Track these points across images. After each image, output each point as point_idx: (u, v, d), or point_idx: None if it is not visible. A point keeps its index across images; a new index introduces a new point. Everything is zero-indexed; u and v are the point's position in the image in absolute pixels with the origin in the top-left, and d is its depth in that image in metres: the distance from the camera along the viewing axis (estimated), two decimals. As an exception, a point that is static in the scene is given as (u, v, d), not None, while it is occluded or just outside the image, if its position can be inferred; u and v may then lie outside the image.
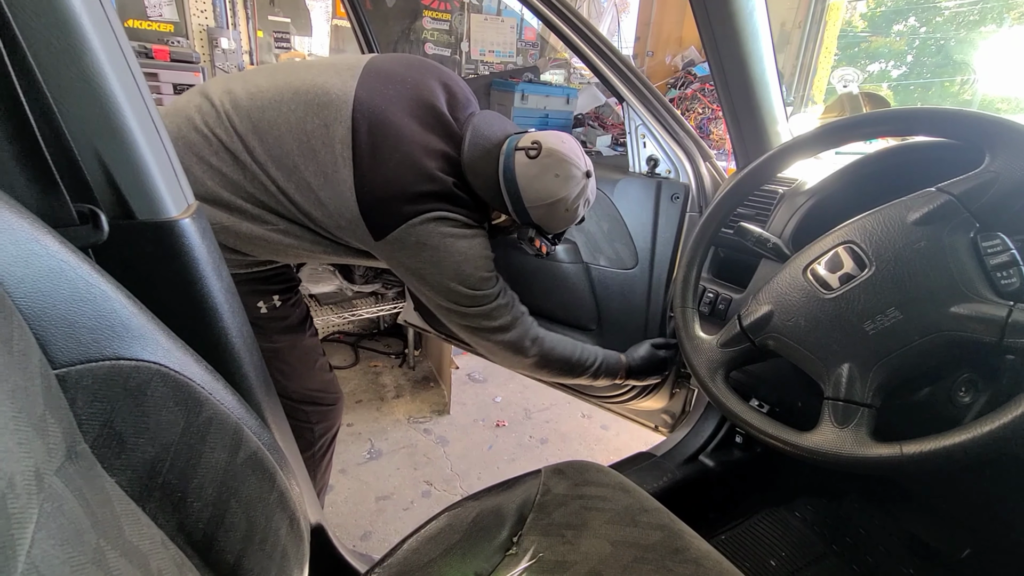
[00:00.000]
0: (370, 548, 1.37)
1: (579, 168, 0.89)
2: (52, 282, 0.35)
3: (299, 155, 0.84)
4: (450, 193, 0.88)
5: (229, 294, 0.55)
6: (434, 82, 0.94)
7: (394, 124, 0.85)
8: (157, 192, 0.48)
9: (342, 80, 0.88)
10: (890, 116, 0.61)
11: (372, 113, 0.85)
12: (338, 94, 0.85)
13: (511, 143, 0.90)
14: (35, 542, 0.28)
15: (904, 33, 5.40)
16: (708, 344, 0.70)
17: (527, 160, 0.87)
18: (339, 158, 0.83)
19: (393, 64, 0.94)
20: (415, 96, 0.90)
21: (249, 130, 0.84)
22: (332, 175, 0.84)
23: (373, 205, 0.84)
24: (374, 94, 0.87)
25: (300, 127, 0.84)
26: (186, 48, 1.89)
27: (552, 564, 0.64)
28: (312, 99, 0.85)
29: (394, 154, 0.84)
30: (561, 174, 0.87)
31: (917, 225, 0.54)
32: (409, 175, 0.84)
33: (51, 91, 0.40)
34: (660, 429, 1.42)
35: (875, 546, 1.00)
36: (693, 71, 2.74)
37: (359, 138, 0.83)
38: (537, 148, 0.87)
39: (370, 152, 0.83)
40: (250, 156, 0.84)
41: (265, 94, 0.87)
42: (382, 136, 0.84)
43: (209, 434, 0.44)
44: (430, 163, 0.86)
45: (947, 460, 0.46)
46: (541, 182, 0.87)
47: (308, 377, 1.10)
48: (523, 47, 2.76)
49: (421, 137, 0.87)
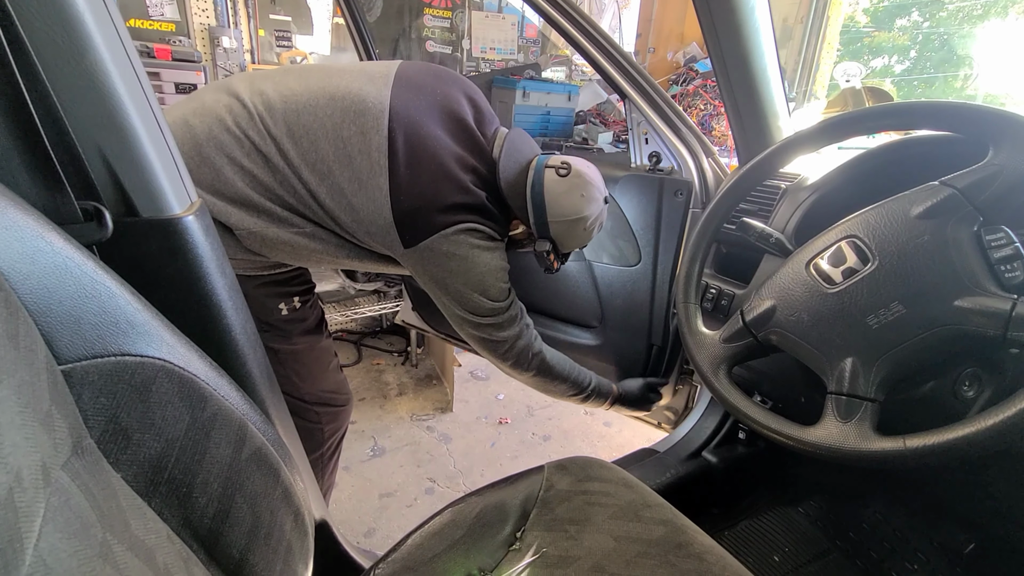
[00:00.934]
0: (374, 545, 1.38)
1: (601, 192, 0.96)
2: (57, 278, 0.36)
3: (335, 160, 0.85)
4: (482, 206, 0.91)
5: (233, 291, 0.55)
6: (461, 95, 0.96)
7: (429, 136, 0.88)
8: (160, 190, 0.48)
9: (376, 88, 0.89)
10: (893, 110, 0.61)
11: (407, 123, 0.87)
12: (374, 102, 0.87)
13: (541, 161, 0.95)
14: (42, 535, 0.28)
15: (907, 28, 5.37)
16: (711, 339, 0.69)
17: (557, 178, 0.92)
18: (375, 165, 0.85)
19: (421, 74, 0.96)
20: (445, 108, 0.92)
21: (284, 133, 0.85)
22: (367, 182, 0.85)
23: (407, 214, 0.86)
24: (408, 104, 0.88)
25: (337, 133, 0.85)
26: (188, 47, 1.90)
27: (555, 559, 0.65)
28: (349, 105, 0.86)
29: (430, 165, 0.86)
30: (586, 195, 0.93)
31: (920, 219, 0.54)
32: (444, 186, 0.86)
33: (54, 89, 0.41)
34: (663, 426, 1.42)
35: (879, 542, 1.00)
36: (695, 67, 2.74)
37: (395, 147, 0.85)
38: (567, 168, 0.93)
39: (406, 162, 0.85)
40: (283, 159, 0.85)
41: (299, 97, 0.87)
42: (418, 147, 0.86)
43: (214, 430, 0.44)
44: (464, 176, 0.89)
45: (951, 454, 0.46)
46: (568, 199, 0.92)
47: (323, 379, 1.11)
48: (524, 44, 2.75)
49: (454, 150, 0.90)
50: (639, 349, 1.23)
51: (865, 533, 1.02)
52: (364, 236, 0.90)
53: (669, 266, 1.13)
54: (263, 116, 0.85)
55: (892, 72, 5.08)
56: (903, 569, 0.94)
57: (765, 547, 1.02)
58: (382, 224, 0.86)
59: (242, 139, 0.84)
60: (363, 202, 0.86)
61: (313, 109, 0.86)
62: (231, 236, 0.86)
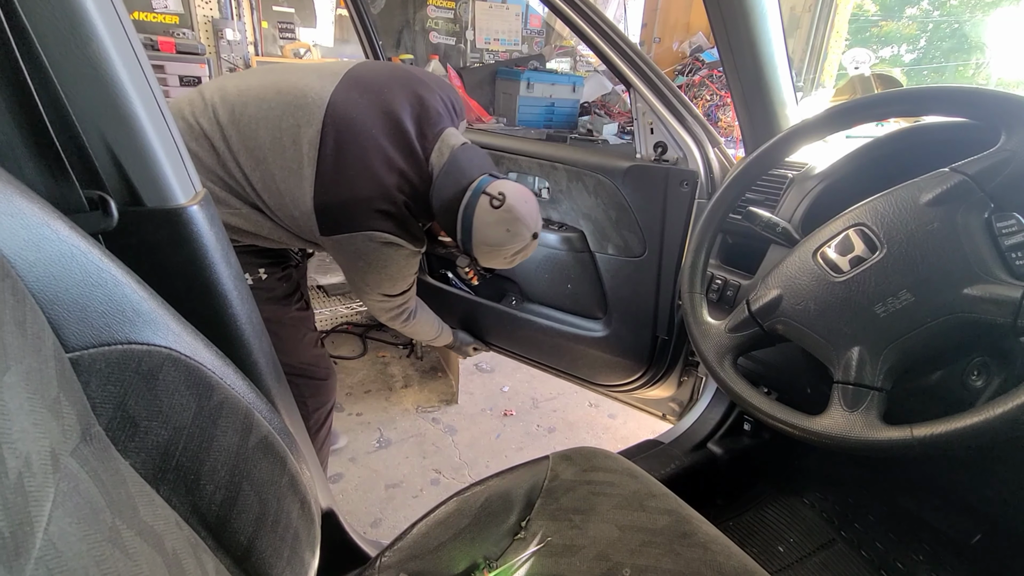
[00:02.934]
0: (380, 535, 1.39)
1: (530, 229, 0.99)
2: (63, 266, 0.36)
3: (270, 148, 0.92)
4: (402, 217, 0.97)
5: (238, 280, 0.55)
6: (407, 95, 0.99)
7: (361, 134, 0.92)
8: (165, 179, 0.48)
9: (321, 85, 0.95)
10: (903, 96, 0.60)
11: (342, 120, 0.92)
12: (314, 98, 0.93)
13: (479, 186, 0.97)
14: (52, 519, 0.28)
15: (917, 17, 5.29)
16: (716, 329, 0.69)
17: (489, 207, 0.95)
18: (304, 157, 0.91)
19: (374, 73, 1.01)
20: (385, 109, 0.96)
21: (228, 121, 0.92)
22: (295, 171, 0.92)
23: (327, 206, 0.92)
24: (348, 102, 0.93)
25: (276, 123, 0.92)
26: (191, 40, 1.89)
27: (560, 548, 0.65)
28: (291, 100, 0.93)
29: (356, 163, 0.92)
30: (512, 230, 0.97)
31: (930, 206, 0.53)
32: (368, 187, 0.92)
33: (58, 77, 0.40)
34: (668, 417, 1.42)
35: (884, 532, 1.00)
36: (701, 57, 2.70)
37: (326, 141, 0.91)
38: (501, 201, 0.95)
39: (334, 156, 0.91)
40: (225, 144, 0.92)
41: (252, 91, 0.95)
42: (348, 143, 0.91)
43: (221, 418, 0.44)
44: (389, 179, 0.93)
45: (958, 443, 0.45)
46: (494, 230, 0.96)
47: (296, 351, 1.15)
48: (529, 35, 2.73)
49: (385, 151, 0.94)
50: (644, 340, 1.23)
51: (870, 524, 1.02)
52: (288, 220, 0.97)
53: (675, 257, 1.12)
54: (215, 106, 0.93)
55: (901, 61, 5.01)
56: (908, 560, 0.94)
57: (770, 537, 1.03)
58: (304, 211, 0.93)
59: (194, 126, 0.93)
60: (289, 188, 0.92)
61: (259, 101, 0.93)
62: None
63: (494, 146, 1.30)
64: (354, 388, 2.00)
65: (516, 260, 1.04)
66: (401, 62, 2.17)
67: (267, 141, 0.91)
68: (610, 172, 1.13)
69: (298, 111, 0.92)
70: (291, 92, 0.93)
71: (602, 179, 1.14)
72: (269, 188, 0.94)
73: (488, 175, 1.00)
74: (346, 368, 2.12)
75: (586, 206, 1.20)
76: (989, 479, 0.78)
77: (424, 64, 2.14)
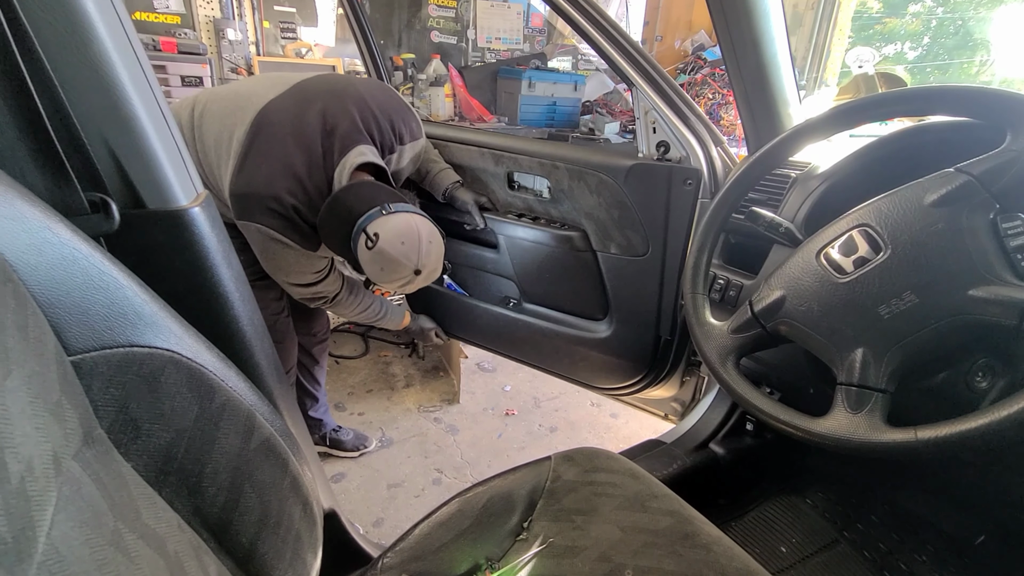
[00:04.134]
0: (382, 535, 1.39)
1: (407, 268, 1.03)
2: (65, 270, 0.36)
3: (213, 143, 1.07)
4: (290, 219, 1.05)
5: (239, 282, 0.55)
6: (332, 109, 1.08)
7: (273, 137, 1.04)
8: (167, 181, 0.48)
9: (266, 92, 1.08)
10: (908, 95, 0.60)
11: (265, 124, 1.04)
12: (255, 103, 1.06)
13: (361, 225, 1.01)
14: (54, 524, 0.28)
15: (920, 14, 5.26)
16: (719, 330, 0.69)
17: (364, 248, 1.02)
18: (232, 152, 1.04)
19: (319, 85, 1.12)
20: (304, 119, 1.06)
21: (199, 115, 1.09)
22: (225, 161, 1.05)
23: (236, 195, 1.04)
24: (278, 110, 1.06)
25: (222, 122, 1.07)
26: (193, 40, 1.89)
27: (562, 549, 0.65)
28: (240, 104, 1.08)
29: (260, 161, 1.03)
30: (386, 268, 1.03)
31: (934, 207, 0.53)
32: (262, 185, 1.02)
33: (59, 79, 0.40)
34: (670, 417, 1.42)
35: (887, 533, 0.99)
36: (703, 56, 2.69)
37: (249, 140, 1.03)
38: (373, 243, 1.00)
39: (248, 154, 1.03)
40: (190, 132, 1.09)
41: (223, 93, 1.12)
42: (261, 144, 1.03)
43: (223, 420, 0.44)
44: (283, 182, 1.03)
45: (963, 445, 0.45)
46: (370, 267, 1.04)
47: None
48: (530, 33, 2.73)
49: (287, 157, 1.04)
50: (647, 341, 1.23)
51: (873, 524, 1.01)
52: (220, 205, 1.03)
53: (678, 256, 1.12)
54: (196, 104, 1.11)
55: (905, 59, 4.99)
56: (912, 561, 0.94)
57: (772, 538, 1.02)
58: (224, 198, 1.06)
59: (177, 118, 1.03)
60: (220, 175, 1.06)
61: (221, 101, 1.10)
62: None
63: (495, 145, 1.29)
64: (356, 387, 2.00)
65: (408, 289, 1.11)
66: (403, 61, 2.17)
67: (213, 136, 1.07)
68: (612, 171, 1.12)
69: (239, 112, 1.06)
70: (243, 97, 1.09)
71: (604, 178, 1.14)
72: (211, 174, 1.09)
73: (382, 208, 1.02)
74: (348, 367, 2.12)
75: (588, 205, 1.19)
76: (994, 480, 0.78)
77: (425, 64, 2.14)
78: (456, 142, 1.36)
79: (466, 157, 1.35)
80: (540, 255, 1.31)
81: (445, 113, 1.94)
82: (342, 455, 1.63)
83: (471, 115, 1.95)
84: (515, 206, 1.34)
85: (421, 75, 2.00)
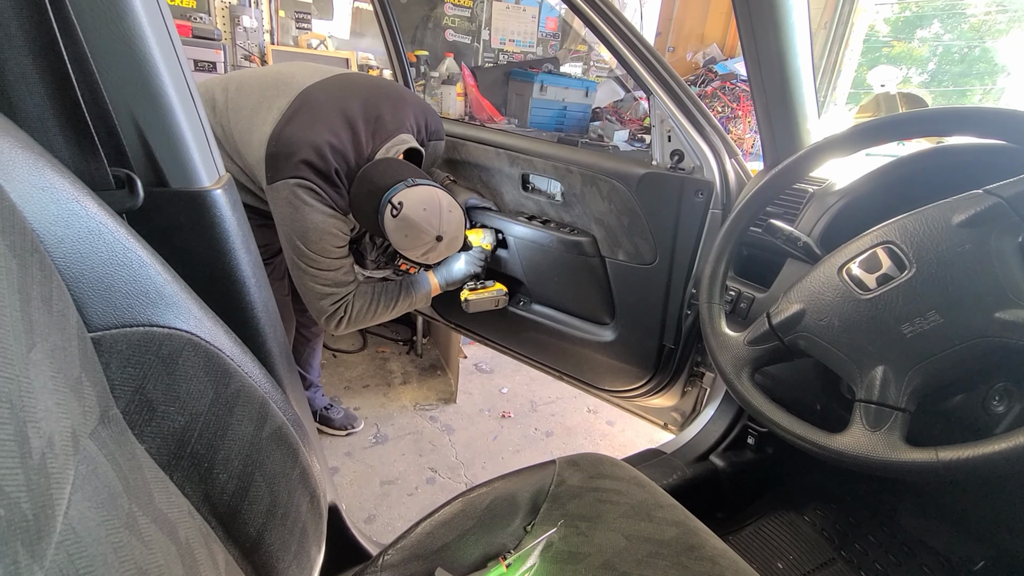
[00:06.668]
0: (375, 531, 1.38)
1: (429, 235, 1.09)
2: (90, 244, 0.35)
3: (252, 109, 1.11)
4: (327, 174, 1.07)
5: (256, 268, 0.54)
6: (375, 100, 1.15)
7: (317, 109, 1.09)
8: (191, 161, 0.48)
9: (310, 77, 1.14)
10: (937, 115, 0.60)
11: (309, 99, 1.10)
12: (298, 83, 1.12)
13: (392, 192, 1.08)
14: (72, 503, 0.28)
15: (928, 39, 5.31)
16: (735, 341, 0.68)
17: (389, 216, 1.07)
18: (272, 117, 1.08)
19: (359, 79, 1.19)
20: (348, 103, 1.12)
21: (236, 88, 1.15)
22: (261, 127, 1.09)
23: (273, 155, 1.06)
24: (322, 89, 1.12)
25: (262, 93, 1.12)
26: (208, 25, 1.88)
27: (566, 555, 0.64)
28: (281, 80, 1.14)
29: (306, 125, 1.07)
30: (410, 235, 1.08)
31: (962, 227, 0.52)
32: (305, 143, 1.05)
33: (91, 51, 0.40)
34: (669, 427, 1.41)
35: (884, 554, 0.99)
36: (714, 69, 2.71)
37: (292, 109, 1.08)
38: (398, 211, 1.06)
39: (292, 119, 1.07)
40: (224, 102, 1.14)
41: (265, 71, 1.18)
42: (306, 114, 1.08)
43: (237, 406, 0.44)
44: (326, 143, 1.06)
45: (985, 469, 0.45)
46: (395, 236, 1.09)
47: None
48: (544, 37, 2.73)
49: (330, 126, 1.08)
50: (651, 348, 1.22)
51: (871, 545, 1.01)
52: (251, 167, 1.12)
53: (685, 266, 1.12)
54: (231, 81, 1.17)
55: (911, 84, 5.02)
56: None
57: (770, 553, 1.02)
58: (258, 158, 1.08)
59: (205, 95, 1.14)
60: (256, 138, 1.09)
61: (260, 78, 1.16)
62: None
63: (510, 146, 1.29)
64: (352, 382, 1.99)
65: (431, 257, 1.15)
66: (416, 58, 2.16)
67: (251, 105, 1.12)
68: (625, 178, 1.12)
69: (281, 87, 1.12)
70: (284, 76, 1.15)
71: (616, 184, 1.13)
72: (243, 138, 1.11)
73: (406, 182, 1.09)
74: (345, 362, 2.11)
75: (599, 211, 1.19)
76: (996, 504, 0.78)
77: (439, 61, 2.13)
78: (472, 140, 1.36)
79: (482, 157, 1.34)
80: (549, 258, 1.31)
81: (456, 112, 1.94)
82: (330, 432, 1.67)
83: (481, 115, 1.95)
84: (527, 208, 1.34)
85: (434, 73, 2.00)
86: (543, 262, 1.33)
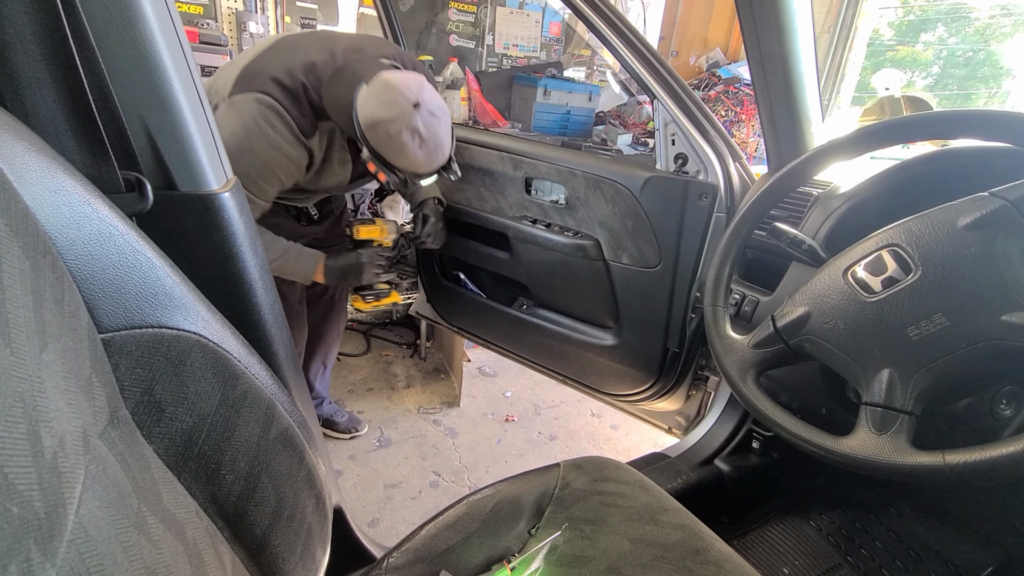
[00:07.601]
0: (378, 535, 1.37)
1: (405, 97, 0.99)
2: (101, 246, 0.35)
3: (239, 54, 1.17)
4: (293, 90, 1.03)
5: (263, 271, 0.55)
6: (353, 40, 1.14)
7: (296, 42, 1.09)
8: (199, 165, 0.48)
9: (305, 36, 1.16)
10: (942, 118, 0.60)
11: (287, 38, 1.10)
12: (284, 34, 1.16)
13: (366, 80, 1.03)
14: (82, 502, 0.28)
15: (932, 43, 5.30)
16: (740, 344, 0.68)
17: (364, 88, 1.00)
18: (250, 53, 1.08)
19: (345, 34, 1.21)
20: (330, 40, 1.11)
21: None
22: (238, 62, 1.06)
23: (243, 75, 1.02)
24: (300, 35, 1.14)
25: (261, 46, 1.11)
26: (215, 31, 1.90)
27: (570, 558, 0.64)
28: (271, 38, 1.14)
29: (281, 52, 1.06)
30: (383, 98, 0.98)
31: (968, 230, 0.52)
32: (277, 65, 1.03)
33: (103, 55, 0.40)
34: (673, 431, 1.41)
35: (891, 559, 0.98)
36: (717, 73, 2.71)
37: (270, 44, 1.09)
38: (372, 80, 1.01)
39: (269, 48, 1.08)
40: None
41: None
42: (282, 44, 1.08)
43: (244, 407, 0.44)
44: (299, 63, 1.04)
45: (993, 472, 0.44)
46: (367, 105, 1.00)
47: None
48: (547, 42, 2.74)
49: (307, 54, 1.06)
50: (655, 352, 1.22)
51: (878, 550, 1.00)
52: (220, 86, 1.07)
53: (689, 270, 1.12)
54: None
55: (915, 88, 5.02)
56: None
57: (775, 559, 1.01)
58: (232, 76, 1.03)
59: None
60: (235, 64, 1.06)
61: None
62: None
63: (513, 150, 1.29)
64: (356, 385, 1.99)
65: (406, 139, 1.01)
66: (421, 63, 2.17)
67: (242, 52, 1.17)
68: (629, 181, 1.12)
69: (270, 40, 1.12)
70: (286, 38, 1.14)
71: (620, 188, 1.14)
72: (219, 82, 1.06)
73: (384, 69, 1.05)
74: (349, 365, 2.11)
75: (603, 214, 1.19)
76: (1004, 509, 0.77)
77: (443, 66, 2.14)
78: (476, 144, 1.37)
79: (485, 161, 1.35)
80: (553, 261, 1.31)
81: (460, 116, 1.95)
82: (334, 436, 1.66)
83: (485, 119, 1.96)
84: (531, 211, 1.34)
85: (438, 77, 2.01)
86: (547, 266, 1.33)
